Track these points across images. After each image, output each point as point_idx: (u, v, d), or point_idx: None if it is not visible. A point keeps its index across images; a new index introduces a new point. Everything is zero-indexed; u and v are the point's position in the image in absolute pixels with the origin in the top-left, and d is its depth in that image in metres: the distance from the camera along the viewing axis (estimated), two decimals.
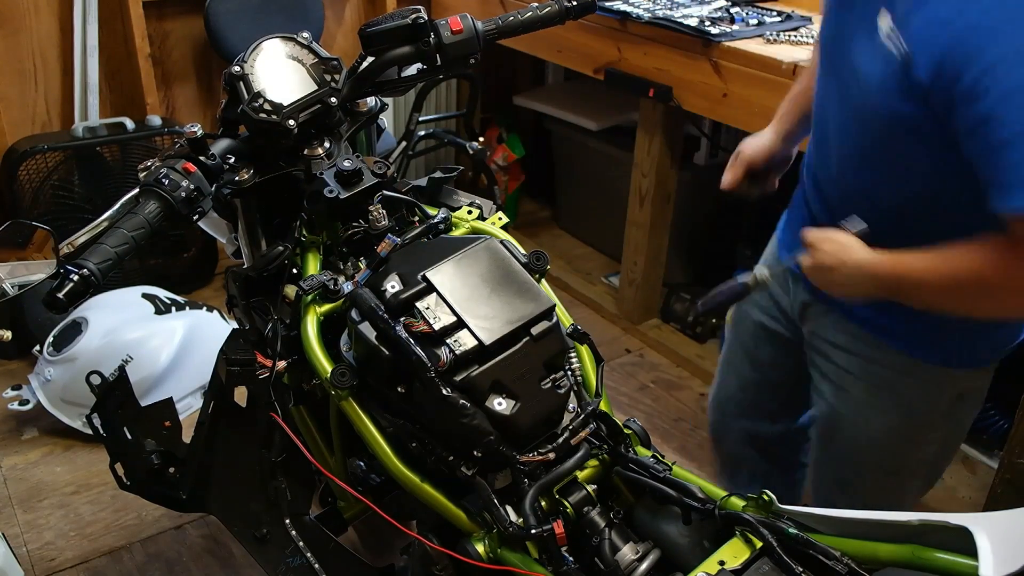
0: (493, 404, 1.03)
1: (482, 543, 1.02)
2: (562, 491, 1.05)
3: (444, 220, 1.25)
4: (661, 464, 1.06)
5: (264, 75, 1.23)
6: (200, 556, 1.95)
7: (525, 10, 1.32)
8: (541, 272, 1.16)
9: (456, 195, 1.39)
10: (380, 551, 1.70)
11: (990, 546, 0.74)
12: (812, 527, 0.92)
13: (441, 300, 1.06)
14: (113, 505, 2.04)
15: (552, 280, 2.74)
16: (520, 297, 1.08)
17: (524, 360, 1.05)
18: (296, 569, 1.37)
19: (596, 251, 3.19)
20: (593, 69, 2.44)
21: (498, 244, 1.14)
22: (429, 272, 1.09)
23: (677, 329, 2.70)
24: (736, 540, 0.95)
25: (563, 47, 2.54)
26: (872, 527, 0.88)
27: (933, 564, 0.82)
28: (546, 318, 1.09)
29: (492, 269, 1.11)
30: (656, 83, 2.25)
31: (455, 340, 1.03)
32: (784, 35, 2.05)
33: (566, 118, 2.97)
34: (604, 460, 1.11)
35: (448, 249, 1.12)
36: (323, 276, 1.16)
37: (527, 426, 1.04)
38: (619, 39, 2.32)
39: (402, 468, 1.08)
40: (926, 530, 0.83)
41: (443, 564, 1.07)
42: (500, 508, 1.01)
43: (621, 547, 1.01)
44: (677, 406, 2.43)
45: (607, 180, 2.91)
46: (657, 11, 2.22)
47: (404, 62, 1.26)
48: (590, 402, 1.11)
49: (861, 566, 0.87)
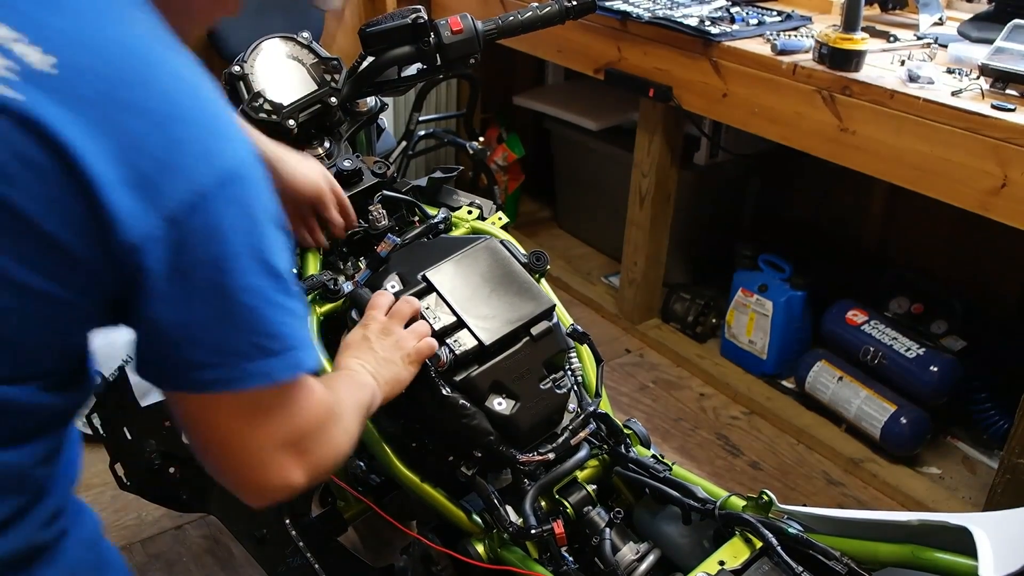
0: (493, 404, 1.03)
1: (482, 543, 1.02)
2: (562, 491, 1.05)
3: (444, 220, 1.25)
4: (661, 464, 1.06)
5: (264, 75, 1.23)
6: (200, 556, 1.95)
7: (525, 10, 1.32)
8: (541, 272, 1.16)
9: (456, 195, 1.39)
10: (380, 551, 1.70)
11: (990, 546, 0.74)
12: (812, 527, 0.92)
13: (441, 300, 1.06)
14: (113, 505, 2.04)
15: (552, 280, 2.74)
16: (520, 297, 1.08)
17: (524, 360, 1.05)
18: (296, 569, 1.37)
19: (596, 251, 3.18)
20: (593, 69, 2.44)
21: (498, 244, 1.14)
22: (429, 272, 1.09)
23: (677, 329, 2.69)
24: (736, 540, 0.95)
25: (563, 47, 2.54)
26: (872, 527, 0.88)
27: (933, 564, 0.82)
28: (546, 318, 1.09)
29: (492, 269, 1.11)
30: (656, 83, 2.25)
31: (455, 340, 1.03)
32: (784, 35, 2.04)
33: (566, 118, 2.97)
34: (604, 460, 1.11)
35: (448, 249, 1.12)
36: (323, 276, 1.16)
37: (527, 426, 1.04)
38: (619, 39, 2.32)
39: (402, 468, 1.08)
40: (926, 530, 0.83)
41: (443, 564, 1.07)
42: (500, 508, 1.01)
43: (621, 547, 1.01)
44: (677, 406, 2.43)
45: (607, 180, 2.91)
46: (657, 11, 2.22)
47: (404, 62, 1.26)
48: (590, 402, 1.11)
49: (861, 566, 0.87)
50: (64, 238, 0.61)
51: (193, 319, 0.67)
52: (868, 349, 2.19)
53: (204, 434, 0.74)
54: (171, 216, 0.62)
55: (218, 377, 0.69)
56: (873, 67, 1.85)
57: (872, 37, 1.95)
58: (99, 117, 0.60)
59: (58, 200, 0.60)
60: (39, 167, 0.59)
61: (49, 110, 0.59)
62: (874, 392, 2.16)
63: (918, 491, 2.07)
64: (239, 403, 0.71)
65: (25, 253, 0.61)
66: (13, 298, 0.61)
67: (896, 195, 2.40)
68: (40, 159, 0.59)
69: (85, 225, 0.61)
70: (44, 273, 0.61)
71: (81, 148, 0.59)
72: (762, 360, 2.45)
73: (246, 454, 0.74)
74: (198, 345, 0.68)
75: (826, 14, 2.30)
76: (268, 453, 0.74)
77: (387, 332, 1.02)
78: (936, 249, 2.44)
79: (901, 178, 1.79)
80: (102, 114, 0.60)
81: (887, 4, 2.24)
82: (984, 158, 1.61)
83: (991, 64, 1.69)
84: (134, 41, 0.64)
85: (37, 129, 0.59)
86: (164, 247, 0.62)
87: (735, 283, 2.49)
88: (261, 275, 0.68)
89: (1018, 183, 1.58)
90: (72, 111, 0.59)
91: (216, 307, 0.67)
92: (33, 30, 0.61)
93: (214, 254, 0.65)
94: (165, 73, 0.64)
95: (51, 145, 0.59)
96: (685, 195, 2.64)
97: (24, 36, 0.60)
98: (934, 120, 1.68)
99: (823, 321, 2.34)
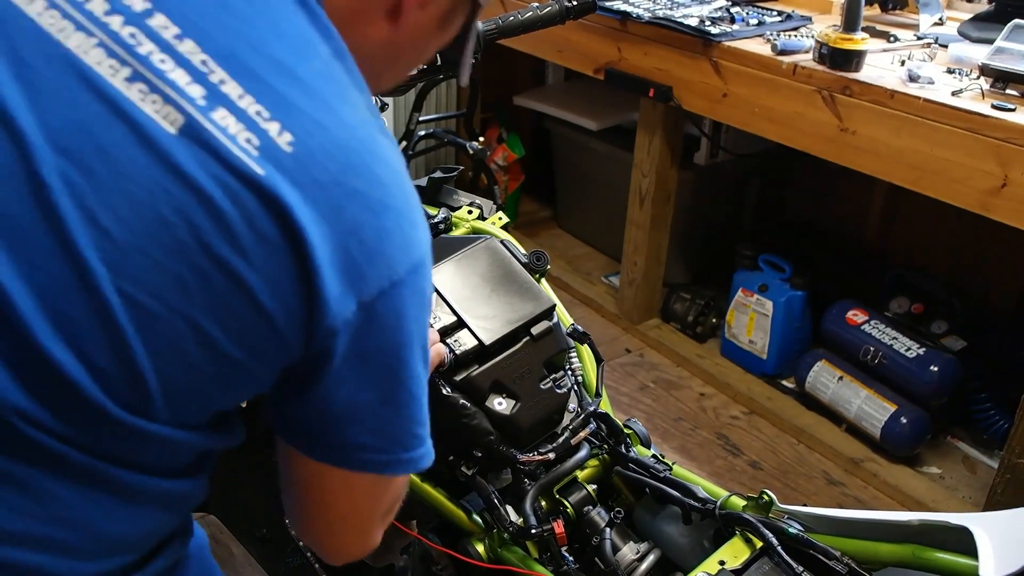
0: (493, 404, 1.03)
1: (482, 543, 1.02)
2: (562, 491, 1.05)
3: (444, 220, 1.25)
4: (661, 464, 1.06)
5: None
6: None
7: (525, 10, 1.32)
8: (541, 272, 1.16)
9: (456, 195, 1.39)
10: (380, 551, 1.70)
11: (990, 546, 0.74)
12: (812, 527, 0.92)
13: (441, 300, 1.06)
14: None
15: (552, 280, 2.74)
16: (520, 297, 1.08)
17: (524, 360, 1.05)
18: (296, 569, 1.37)
19: (596, 251, 3.18)
20: (593, 69, 2.44)
21: (498, 244, 1.14)
22: None
23: (677, 329, 2.69)
24: (736, 540, 0.95)
25: (563, 47, 2.54)
26: (872, 527, 0.88)
27: (933, 564, 0.82)
28: (546, 318, 1.09)
29: (492, 269, 1.11)
30: (656, 83, 2.25)
31: (455, 340, 1.03)
32: (784, 35, 2.04)
33: (566, 118, 2.97)
34: (604, 460, 1.11)
35: (448, 249, 1.12)
36: None
37: (527, 426, 1.04)
38: (619, 39, 2.32)
39: None
40: (926, 530, 0.83)
41: (443, 564, 1.07)
42: (500, 508, 1.01)
43: (621, 547, 1.01)
44: (677, 406, 2.43)
45: (607, 180, 2.91)
46: (657, 11, 2.22)
47: None
48: (590, 402, 1.11)
49: (861, 566, 0.87)
50: (278, 316, 0.61)
51: (364, 401, 0.67)
52: (868, 349, 2.19)
53: (324, 502, 0.75)
54: (366, 302, 0.62)
55: (375, 460, 0.70)
56: (873, 67, 1.85)
57: (872, 37, 1.95)
58: (326, 201, 0.60)
59: (281, 279, 0.60)
60: (273, 244, 0.59)
61: (284, 188, 0.58)
62: (874, 392, 2.16)
63: (918, 491, 2.07)
64: (375, 483, 0.73)
65: (235, 324, 0.60)
66: (210, 363, 0.61)
67: (896, 195, 2.40)
68: (274, 237, 0.58)
69: (299, 307, 0.61)
70: (245, 345, 0.61)
71: (310, 231, 0.59)
72: (762, 360, 2.45)
73: (360, 526, 0.77)
74: (363, 427, 0.69)
75: (826, 14, 2.30)
76: (374, 524, 0.78)
77: None
78: (936, 249, 2.44)
79: (901, 178, 1.79)
80: (329, 198, 0.60)
81: (887, 4, 2.24)
82: (984, 158, 1.61)
83: (991, 64, 1.69)
84: (360, 126, 0.64)
85: (276, 207, 0.58)
86: (352, 330, 0.63)
87: (735, 283, 2.49)
88: (422, 364, 0.70)
89: (1018, 183, 1.58)
90: (303, 192, 0.59)
91: (387, 392, 0.68)
92: (274, 104, 0.60)
93: (395, 341, 0.66)
94: (383, 161, 0.64)
95: (286, 225, 0.58)
96: (685, 195, 2.64)
97: (266, 110, 0.59)
98: (934, 120, 1.68)
99: (823, 321, 2.34)
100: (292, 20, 0.64)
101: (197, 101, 0.58)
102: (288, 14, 0.64)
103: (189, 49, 0.59)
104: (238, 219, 0.58)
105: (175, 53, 0.59)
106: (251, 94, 0.60)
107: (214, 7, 0.61)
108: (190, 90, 0.58)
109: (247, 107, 0.59)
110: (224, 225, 0.58)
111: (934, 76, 1.75)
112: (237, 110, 0.59)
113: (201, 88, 0.59)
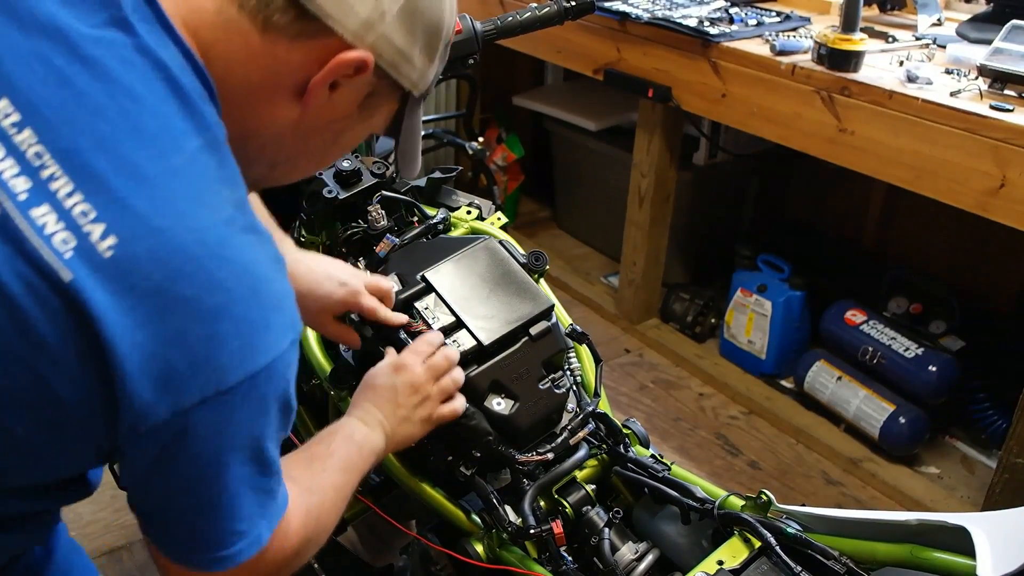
0: (492, 404, 1.03)
1: (481, 543, 1.02)
2: (561, 491, 1.05)
3: (443, 220, 1.25)
4: (660, 464, 1.06)
5: None
6: None
7: (524, 10, 1.32)
8: (540, 272, 1.17)
9: (455, 195, 1.39)
10: (380, 551, 1.70)
11: (988, 546, 0.74)
12: (811, 527, 0.92)
13: (440, 300, 1.06)
14: (113, 505, 2.04)
15: (551, 280, 2.74)
16: (519, 297, 1.08)
17: (523, 360, 1.06)
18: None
19: (595, 251, 3.19)
20: (592, 69, 2.44)
21: (497, 244, 1.15)
22: (428, 272, 1.09)
23: (676, 329, 2.69)
24: (735, 540, 0.95)
25: (563, 47, 2.54)
26: (870, 527, 0.88)
27: (931, 564, 0.82)
28: (545, 318, 1.09)
29: (491, 269, 1.11)
30: (655, 83, 2.25)
31: (454, 340, 1.03)
32: (783, 35, 2.05)
33: (566, 118, 2.97)
34: (603, 460, 1.11)
35: (447, 249, 1.13)
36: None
37: (526, 426, 1.04)
38: (618, 39, 2.32)
39: (401, 468, 1.08)
40: (924, 530, 0.83)
41: (443, 564, 1.07)
42: (499, 508, 1.01)
43: (620, 547, 1.01)
44: (676, 406, 2.43)
45: (606, 180, 2.91)
46: (656, 11, 2.22)
47: None
48: (589, 402, 1.11)
49: (859, 566, 0.87)
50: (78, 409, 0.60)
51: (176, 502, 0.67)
52: (867, 349, 2.19)
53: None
54: (185, 409, 0.60)
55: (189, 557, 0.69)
56: (872, 68, 1.85)
57: (871, 38, 1.95)
58: (145, 308, 0.58)
59: (82, 377, 0.58)
60: (76, 346, 0.57)
61: (94, 294, 0.56)
62: (873, 392, 2.17)
63: (917, 491, 2.07)
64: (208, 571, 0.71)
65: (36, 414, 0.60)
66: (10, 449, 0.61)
67: (895, 195, 2.40)
68: (77, 339, 0.57)
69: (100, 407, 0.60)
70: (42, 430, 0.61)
71: (118, 338, 0.57)
72: (761, 360, 2.46)
73: None
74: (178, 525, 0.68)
75: (825, 15, 2.30)
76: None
77: (417, 391, 0.98)
78: (935, 249, 2.44)
79: (900, 178, 1.79)
80: (149, 305, 0.58)
81: (885, 5, 2.25)
82: (982, 158, 1.61)
83: (989, 64, 1.69)
84: (211, 228, 0.61)
85: (80, 311, 0.56)
86: (164, 435, 0.61)
87: (734, 283, 2.50)
88: (249, 463, 0.67)
89: (1016, 183, 1.58)
90: (118, 299, 0.57)
91: (202, 495, 0.66)
92: (105, 205, 0.57)
93: (214, 447, 0.64)
94: (230, 265, 0.61)
95: (90, 330, 0.57)
96: (684, 195, 2.65)
97: (94, 210, 0.57)
98: (933, 120, 1.68)
99: (822, 321, 2.34)
100: (158, 112, 0.61)
101: (18, 195, 0.57)
102: (155, 105, 0.61)
103: (25, 139, 0.57)
104: (41, 319, 0.56)
105: (8, 142, 0.57)
106: (81, 192, 0.57)
107: (67, 96, 0.59)
108: (13, 183, 0.57)
109: (73, 206, 0.57)
110: (25, 325, 0.56)
111: (932, 76, 1.75)
112: (61, 208, 0.57)
113: (28, 181, 0.57)
